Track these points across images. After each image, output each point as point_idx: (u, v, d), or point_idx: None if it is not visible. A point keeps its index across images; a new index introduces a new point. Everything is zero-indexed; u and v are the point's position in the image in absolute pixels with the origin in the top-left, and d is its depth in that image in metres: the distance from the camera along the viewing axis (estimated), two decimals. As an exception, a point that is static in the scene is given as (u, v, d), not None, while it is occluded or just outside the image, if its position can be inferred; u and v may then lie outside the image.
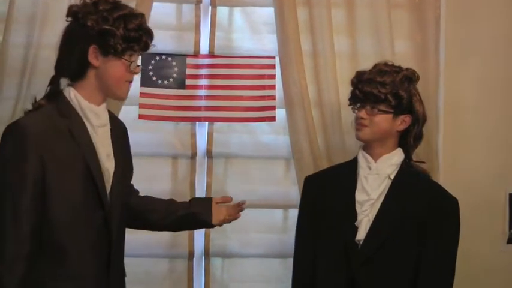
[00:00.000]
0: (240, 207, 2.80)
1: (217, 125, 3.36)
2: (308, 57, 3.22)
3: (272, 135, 3.38)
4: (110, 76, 2.41)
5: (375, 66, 2.77)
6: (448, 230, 2.69)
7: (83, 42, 2.38)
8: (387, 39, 3.23)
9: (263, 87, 3.33)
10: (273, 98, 3.31)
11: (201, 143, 3.37)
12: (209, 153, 3.36)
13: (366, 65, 2.82)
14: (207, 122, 3.35)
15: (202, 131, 3.37)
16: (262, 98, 3.32)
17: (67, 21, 2.42)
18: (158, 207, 2.73)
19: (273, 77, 3.32)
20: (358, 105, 2.72)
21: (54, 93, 2.43)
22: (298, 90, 3.20)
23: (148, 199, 2.76)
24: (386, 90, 2.67)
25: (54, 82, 2.45)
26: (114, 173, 2.45)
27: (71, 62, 2.41)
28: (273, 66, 3.32)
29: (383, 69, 2.72)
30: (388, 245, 2.65)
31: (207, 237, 3.34)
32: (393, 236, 2.66)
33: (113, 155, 2.46)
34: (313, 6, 3.21)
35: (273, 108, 3.31)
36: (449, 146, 3.34)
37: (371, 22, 3.24)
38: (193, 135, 3.35)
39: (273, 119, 3.32)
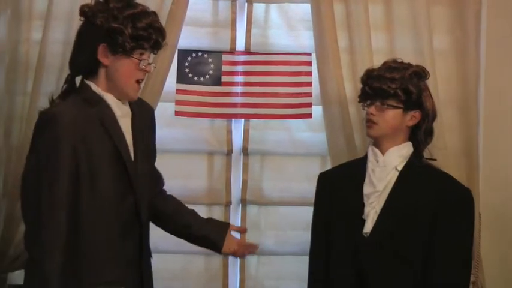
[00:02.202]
0: (252, 248, 2.80)
1: (253, 121, 3.37)
2: (345, 54, 3.22)
3: (308, 132, 3.39)
4: (120, 74, 2.43)
5: (385, 63, 2.80)
6: (460, 220, 2.69)
7: (93, 41, 2.40)
8: (426, 34, 3.20)
9: (299, 84, 3.33)
10: (309, 95, 3.32)
11: (237, 140, 3.39)
12: (245, 150, 3.38)
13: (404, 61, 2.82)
14: (243, 119, 3.38)
15: (238, 127, 3.39)
16: (299, 95, 3.33)
17: (80, 20, 2.46)
18: (186, 212, 2.74)
19: (309, 73, 3.32)
20: (368, 102, 2.75)
21: (71, 91, 2.47)
22: (335, 87, 3.20)
23: (176, 202, 2.78)
24: (395, 85, 2.69)
25: (69, 80, 2.49)
26: (135, 162, 2.49)
27: (83, 61, 2.45)
28: (310, 63, 3.32)
29: (392, 66, 2.76)
30: (396, 236, 2.67)
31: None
32: (400, 227, 2.68)
33: (133, 145, 2.48)
34: (349, 2, 3.21)
35: (309, 105, 3.32)
36: (489, 143, 3.32)
37: (409, 17, 3.22)
38: (229, 132, 3.37)
39: (309, 116, 3.33)
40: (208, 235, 2.69)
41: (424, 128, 2.76)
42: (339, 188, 2.82)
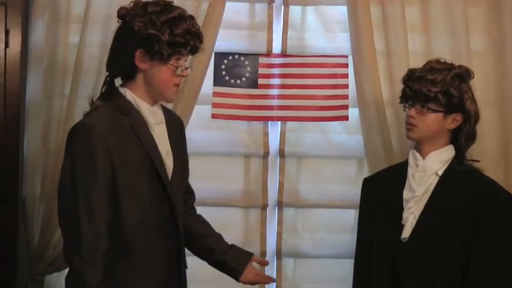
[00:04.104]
0: (269, 280, 2.83)
1: (290, 124, 3.39)
2: (381, 56, 3.23)
3: (345, 134, 3.40)
4: (157, 80, 2.43)
5: (427, 63, 2.76)
6: (502, 226, 2.64)
7: (131, 46, 2.40)
8: (463, 36, 3.21)
9: (336, 87, 3.34)
10: (345, 97, 3.33)
11: (274, 142, 3.41)
12: (281, 153, 3.39)
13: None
14: (279, 121, 3.39)
15: (274, 130, 3.41)
16: (335, 97, 3.33)
17: (118, 22, 2.45)
18: (211, 235, 2.74)
19: (345, 76, 3.33)
20: (410, 102, 2.72)
21: (110, 93, 2.47)
22: (372, 89, 3.21)
23: (204, 223, 2.77)
24: (436, 88, 2.65)
25: (107, 82, 2.50)
26: (174, 169, 2.50)
27: (121, 64, 2.44)
28: (346, 65, 3.33)
29: (434, 67, 2.71)
30: (434, 242, 2.65)
31: (279, 237, 3.39)
32: (439, 233, 2.65)
33: (171, 151, 2.50)
34: (386, 4, 3.22)
35: (345, 107, 3.33)
36: None
37: (446, 19, 3.23)
38: (265, 134, 3.39)
39: (345, 118, 3.34)
40: (230, 262, 2.69)
41: (465, 131, 2.73)
42: (381, 192, 2.80)
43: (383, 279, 2.73)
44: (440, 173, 2.71)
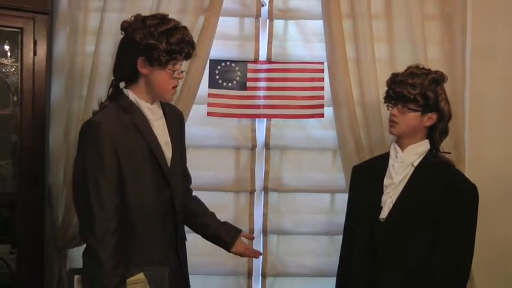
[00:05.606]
0: (256, 254, 3.02)
1: (274, 121, 3.58)
2: (352, 63, 3.43)
3: (321, 130, 3.59)
4: (157, 83, 2.60)
5: (408, 69, 2.91)
6: (465, 211, 2.79)
7: (133, 54, 2.57)
8: (421, 46, 3.41)
9: (313, 89, 3.54)
10: (321, 97, 3.53)
11: (260, 137, 3.61)
12: (267, 146, 3.59)
13: (402, 69, 2.96)
14: (265, 119, 3.59)
15: (261, 126, 3.61)
16: (313, 97, 3.54)
17: (121, 34, 2.63)
18: (207, 214, 2.96)
19: (321, 79, 3.53)
20: (392, 102, 2.89)
21: (115, 94, 2.65)
22: (344, 91, 3.41)
23: (200, 203, 2.99)
24: (415, 91, 2.81)
25: (113, 85, 2.68)
26: (172, 158, 2.69)
27: (125, 70, 2.62)
28: (322, 71, 3.53)
29: (414, 72, 2.86)
30: (407, 223, 2.81)
31: (264, 217, 3.61)
32: (412, 215, 2.81)
33: (170, 143, 2.69)
34: (356, 18, 3.43)
35: (321, 106, 3.53)
36: (474, 140, 3.51)
37: (407, 31, 3.43)
38: (253, 130, 3.59)
39: (321, 116, 3.54)
40: (222, 236, 2.90)
41: (439, 128, 2.88)
42: (365, 179, 2.97)
43: (362, 254, 2.89)
44: (416, 164, 2.87)
